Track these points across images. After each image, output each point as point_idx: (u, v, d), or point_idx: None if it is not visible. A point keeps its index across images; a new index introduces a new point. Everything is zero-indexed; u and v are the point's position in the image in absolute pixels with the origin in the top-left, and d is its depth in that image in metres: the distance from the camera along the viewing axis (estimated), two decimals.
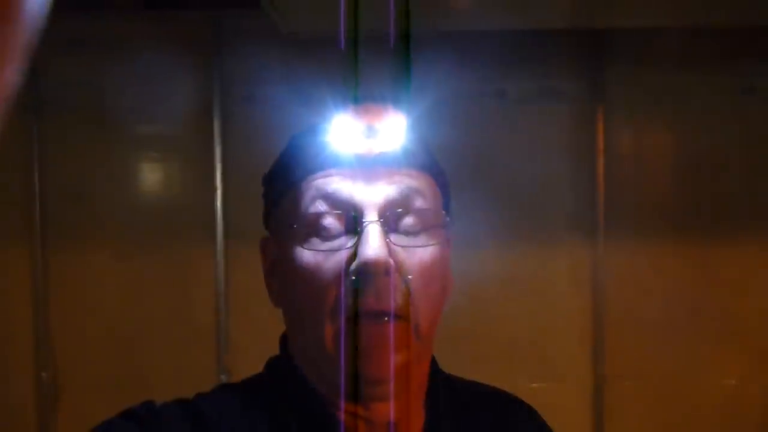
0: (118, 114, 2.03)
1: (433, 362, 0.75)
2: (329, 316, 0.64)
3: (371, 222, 0.65)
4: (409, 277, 0.65)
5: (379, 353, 0.64)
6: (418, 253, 0.66)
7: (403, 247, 0.66)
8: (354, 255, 0.64)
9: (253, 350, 0.79)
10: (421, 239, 0.67)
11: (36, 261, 2.07)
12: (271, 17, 1.70)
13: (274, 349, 0.75)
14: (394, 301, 0.64)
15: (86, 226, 2.08)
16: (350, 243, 0.65)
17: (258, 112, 2.03)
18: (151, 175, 2.11)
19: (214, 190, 2.05)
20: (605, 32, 2.02)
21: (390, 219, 0.66)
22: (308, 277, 0.65)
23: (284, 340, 0.74)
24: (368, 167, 0.67)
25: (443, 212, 0.70)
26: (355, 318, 0.63)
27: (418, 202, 0.67)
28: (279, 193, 0.71)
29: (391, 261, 0.64)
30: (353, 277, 0.63)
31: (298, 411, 0.69)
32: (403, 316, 0.64)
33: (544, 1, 1.68)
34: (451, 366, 0.79)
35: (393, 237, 0.66)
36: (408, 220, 0.67)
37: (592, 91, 2.05)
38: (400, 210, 0.66)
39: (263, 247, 0.75)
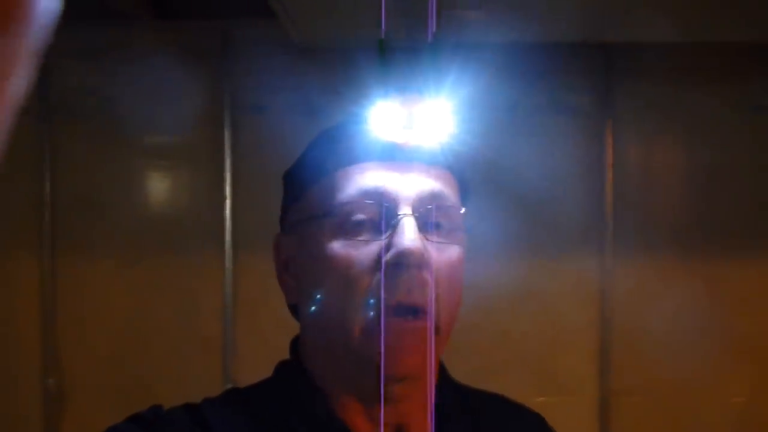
0: (128, 123, 2.04)
1: (442, 367, 0.74)
2: (359, 309, 0.64)
3: (407, 215, 0.65)
4: (438, 273, 0.65)
5: (409, 348, 0.63)
6: (447, 250, 0.67)
7: (433, 243, 0.66)
8: (388, 247, 0.64)
9: (259, 360, 0.78)
10: (448, 237, 0.67)
11: (44, 268, 2.08)
12: (285, 27, 1.71)
13: (281, 359, 0.75)
14: (426, 295, 0.64)
15: (95, 233, 2.09)
16: (383, 235, 0.65)
17: (267, 122, 2.04)
18: (160, 184, 2.12)
19: (224, 199, 2.05)
20: (615, 46, 2.02)
21: (423, 214, 0.66)
22: (339, 268, 0.65)
23: (295, 344, 0.74)
24: (404, 161, 0.67)
25: (463, 213, 0.70)
26: (385, 311, 0.63)
27: (447, 201, 0.68)
28: (305, 186, 0.70)
29: (426, 254, 0.64)
30: (388, 268, 0.63)
31: (307, 415, 0.69)
32: (430, 312, 0.64)
33: (555, 15, 1.68)
34: (457, 378, 0.78)
35: (425, 233, 0.66)
36: (437, 218, 0.67)
37: (602, 104, 2.05)
38: (430, 207, 0.66)
39: (277, 244, 0.74)
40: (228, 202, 2.05)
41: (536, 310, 2.05)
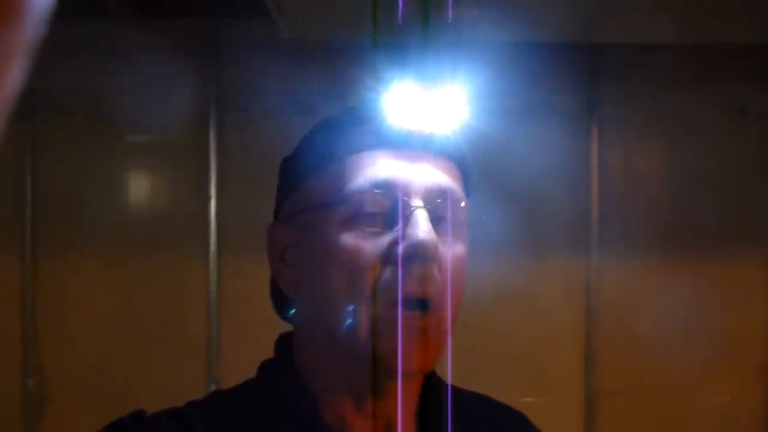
0: (113, 121, 2.02)
1: None
2: (366, 302, 0.62)
3: (419, 207, 0.63)
4: (445, 268, 0.64)
5: (420, 345, 0.62)
6: (454, 246, 0.66)
7: (442, 238, 0.65)
8: (401, 239, 0.62)
9: (243, 361, 0.77)
10: (454, 232, 0.66)
11: (25, 267, 2.05)
12: (276, 22, 1.69)
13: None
14: (436, 288, 0.63)
15: (78, 233, 2.06)
16: (395, 227, 0.63)
17: (253, 122, 2.03)
18: (145, 183, 2.10)
19: (209, 199, 2.04)
20: (600, 49, 2.03)
21: (433, 207, 0.65)
22: (347, 258, 0.63)
23: (280, 343, 0.73)
24: (413, 151, 0.66)
25: (467, 208, 0.69)
26: (396, 304, 0.62)
27: (455, 195, 0.67)
28: (309, 172, 0.68)
29: (439, 247, 0.63)
30: (400, 260, 0.62)
31: (292, 415, 0.68)
32: (439, 308, 0.63)
33: (542, 15, 1.68)
34: (443, 378, 0.78)
35: (435, 226, 0.65)
36: (446, 212, 0.66)
37: (587, 107, 2.06)
38: (440, 200, 0.65)
39: (271, 233, 0.71)
40: (213, 202, 2.04)
41: (522, 310, 2.05)
